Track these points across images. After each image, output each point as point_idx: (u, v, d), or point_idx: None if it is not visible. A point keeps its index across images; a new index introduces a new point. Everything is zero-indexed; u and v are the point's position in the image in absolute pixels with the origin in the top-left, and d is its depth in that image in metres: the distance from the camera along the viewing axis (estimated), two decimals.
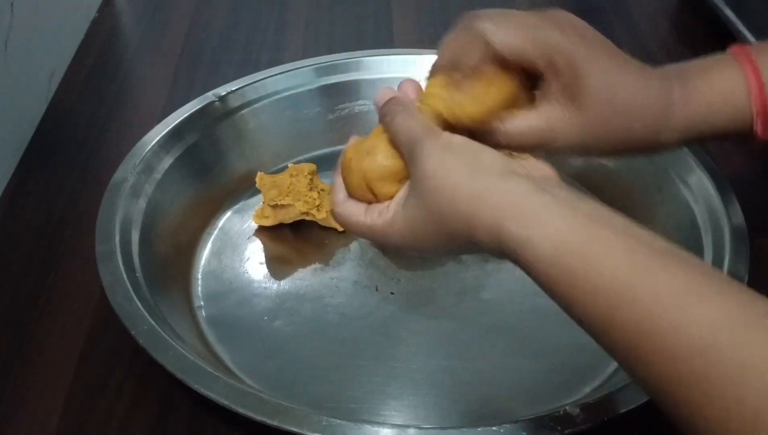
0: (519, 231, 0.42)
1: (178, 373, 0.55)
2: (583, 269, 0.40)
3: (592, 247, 0.41)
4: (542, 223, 0.42)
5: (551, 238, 0.41)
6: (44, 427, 0.58)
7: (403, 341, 0.65)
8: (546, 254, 0.41)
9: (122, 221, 0.66)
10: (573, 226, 0.41)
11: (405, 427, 0.52)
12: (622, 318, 0.39)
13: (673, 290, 0.38)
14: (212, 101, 0.79)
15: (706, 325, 0.36)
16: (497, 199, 0.43)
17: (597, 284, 0.40)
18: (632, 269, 0.39)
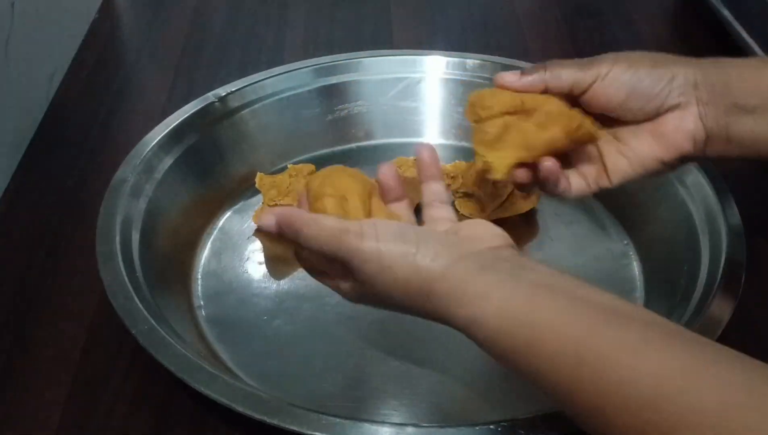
0: (465, 313, 0.44)
1: (179, 373, 0.55)
2: (531, 338, 0.42)
3: (536, 315, 0.43)
4: (486, 302, 0.44)
5: (496, 314, 0.43)
6: (45, 426, 0.58)
7: (402, 341, 0.65)
8: (493, 330, 0.43)
9: (123, 221, 0.67)
10: (516, 298, 0.44)
11: (404, 426, 0.52)
12: (576, 379, 0.40)
13: (617, 346, 0.40)
14: (212, 102, 0.79)
15: (653, 375, 0.38)
16: (440, 287, 0.45)
17: (546, 351, 0.42)
18: (577, 331, 0.41)
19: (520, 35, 1.05)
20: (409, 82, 0.85)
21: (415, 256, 0.46)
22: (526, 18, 1.09)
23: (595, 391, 0.40)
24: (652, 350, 0.39)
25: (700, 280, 0.63)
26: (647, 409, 0.37)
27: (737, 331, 0.58)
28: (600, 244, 0.73)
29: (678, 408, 0.37)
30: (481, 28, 1.07)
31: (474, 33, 1.06)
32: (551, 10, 1.10)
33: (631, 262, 0.71)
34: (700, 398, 0.36)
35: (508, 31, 1.07)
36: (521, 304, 0.43)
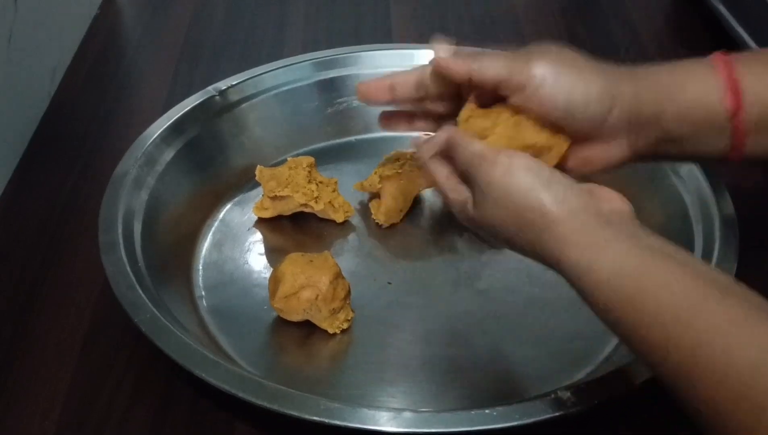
0: (579, 258, 0.45)
1: (180, 360, 0.56)
2: (641, 295, 0.43)
3: (650, 275, 0.43)
4: (602, 252, 0.45)
5: (610, 265, 0.44)
6: (47, 415, 0.59)
7: (400, 329, 0.66)
8: (604, 280, 0.44)
9: (125, 213, 0.67)
10: (632, 256, 0.44)
11: (400, 411, 0.53)
12: (676, 343, 0.41)
13: (726, 318, 0.40)
14: (213, 95, 0.80)
15: (756, 348, 0.39)
16: (558, 229, 0.46)
17: (653, 310, 0.42)
18: (688, 297, 0.42)
19: (518, 30, 1.06)
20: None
21: (541, 193, 0.48)
22: (525, 13, 1.10)
23: (693, 356, 0.40)
24: (760, 326, 0.40)
25: None
26: (745, 381, 0.38)
27: None
28: None
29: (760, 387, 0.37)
30: (479, 22, 1.08)
31: (472, 27, 1.07)
32: (550, 5, 1.11)
33: None
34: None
35: (506, 25, 1.07)
36: (636, 261, 0.44)
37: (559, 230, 0.46)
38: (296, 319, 0.65)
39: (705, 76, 0.53)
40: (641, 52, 1.02)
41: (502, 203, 0.49)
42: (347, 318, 0.65)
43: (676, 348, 0.41)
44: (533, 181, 0.48)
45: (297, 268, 0.64)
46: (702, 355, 0.40)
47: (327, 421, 0.52)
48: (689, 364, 0.40)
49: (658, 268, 0.44)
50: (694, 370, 0.40)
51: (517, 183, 0.48)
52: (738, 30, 0.93)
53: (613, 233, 0.46)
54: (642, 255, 0.44)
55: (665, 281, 0.43)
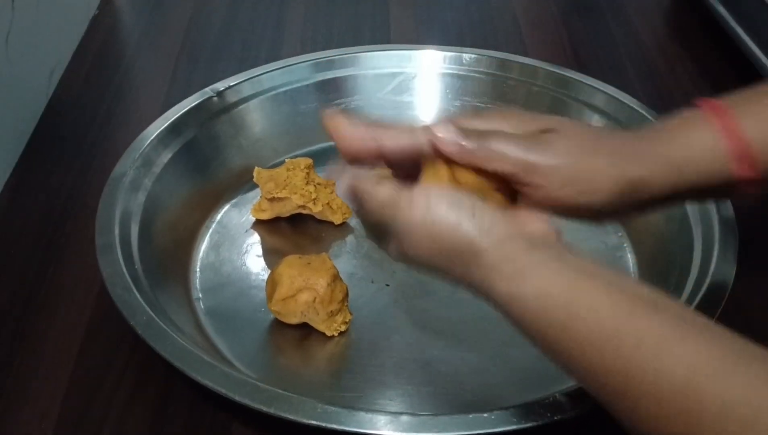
0: (507, 287, 0.44)
1: (177, 363, 0.56)
2: (569, 319, 0.42)
3: (577, 298, 0.43)
4: (528, 278, 0.44)
5: (537, 291, 0.44)
6: (45, 416, 0.59)
7: (398, 331, 0.66)
8: (532, 308, 0.44)
9: (122, 215, 0.67)
10: (558, 279, 0.44)
11: (398, 414, 0.53)
12: (608, 364, 0.41)
13: (653, 335, 0.40)
14: (210, 96, 0.80)
15: (686, 365, 0.39)
16: (485, 260, 0.45)
17: (582, 333, 0.42)
18: (615, 318, 0.41)
19: (516, 31, 1.06)
20: (406, 76, 0.86)
21: (466, 225, 0.46)
22: (524, 14, 1.09)
23: (627, 376, 0.40)
24: (689, 341, 0.39)
25: (692, 271, 0.63)
26: (678, 398, 0.38)
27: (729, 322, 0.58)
28: (595, 236, 0.73)
29: (707, 399, 0.37)
30: (478, 24, 1.08)
31: (471, 29, 1.07)
32: (548, 7, 1.11)
33: (626, 254, 0.72)
34: (731, 392, 0.37)
35: (505, 27, 1.07)
36: (563, 286, 0.43)
37: (487, 261, 0.45)
38: (294, 321, 0.64)
39: (707, 136, 0.49)
40: (641, 53, 1.02)
41: (427, 243, 0.47)
42: (345, 320, 0.65)
43: (610, 371, 0.41)
44: (457, 214, 0.46)
45: (294, 270, 0.63)
46: (635, 377, 0.40)
47: (324, 424, 0.52)
48: (624, 387, 0.40)
49: (584, 290, 0.43)
50: (629, 392, 0.40)
51: (440, 220, 0.46)
52: (737, 31, 0.93)
53: (539, 258, 0.45)
54: (568, 278, 0.44)
55: (592, 304, 0.42)
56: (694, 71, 0.98)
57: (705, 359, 0.39)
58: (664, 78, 0.97)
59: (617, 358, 0.40)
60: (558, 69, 0.84)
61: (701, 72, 0.97)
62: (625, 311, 0.41)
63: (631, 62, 1.00)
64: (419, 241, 0.47)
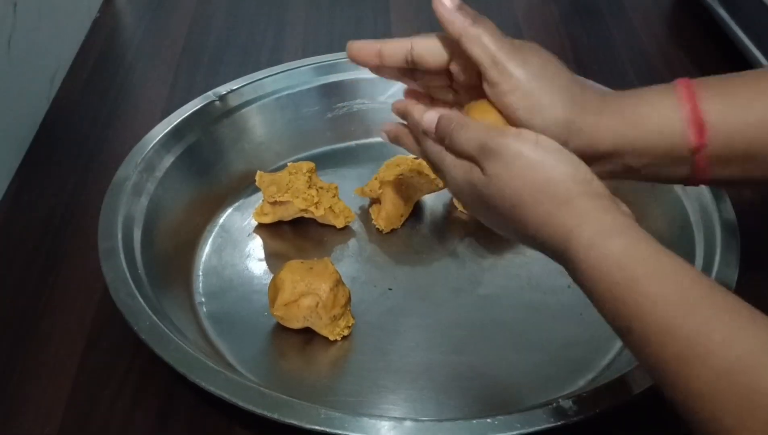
0: (594, 235, 0.45)
1: (180, 368, 0.56)
2: (646, 279, 0.43)
3: (659, 263, 0.44)
4: (617, 234, 0.45)
5: (623, 247, 0.45)
6: (48, 421, 0.59)
7: (401, 336, 0.66)
8: (614, 259, 0.44)
9: (124, 219, 0.67)
10: (643, 244, 0.45)
11: (402, 420, 0.53)
12: (675, 331, 0.41)
13: (728, 310, 0.41)
14: (212, 100, 0.80)
15: (751, 346, 0.39)
16: (583, 207, 0.47)
17: (657, 295, 0.42)
18: (693, 289, 0.43)
19: (518, 34, 1.06)
20: None
21: (571, 168, 0.48)
22: (524, 16, 1.10)
23: (691, 346, 0.40)
24: (758, 323, 0.40)
25: None
26: (741, 377, 0.38)
27: None
28: None
29: (753, 381, 0.38)
30: None
31: None
32: (550, 9, 1.11)
33: None
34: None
35: (505, 29, 1.06)
36: (646, 249, 0.45)
37: (580, 206, 0.47)
38: (296, 326, 0.65)
39: (669, 110, 0.52)
40: (641, 55, 1.02)
41: (527, 174, 0.48)
42: (348, 325, 0.65)
43: (675, 337, 0.41)
44: (565, 156, 0.49)
45: (296, 275, 0.64)
46: (701, 345, 0.40)
47: (328, 430, 0.52)
48: (686, 356, 0.40)
49: (666, 260, 0.44)
50: (691, 361, 0.40)
51: (549, 155, 0.48)
52: (737, 32, 0.93)
53: (628, 223, 0.46)
54: (652, 246, 0.45)
55: (673, 271, 0.43)
56: (694, 73, 0.96)
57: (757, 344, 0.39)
58: (664, 79, 0.95)
59: (685, 326, 0.41)
60: None
61: (701, 73, 0.96)
62: (702, 287, 0.43)
63: (631, 64, 1.00)
64: (519, 171, 0.48)
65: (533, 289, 0.69)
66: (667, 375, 0.41)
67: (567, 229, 0.46)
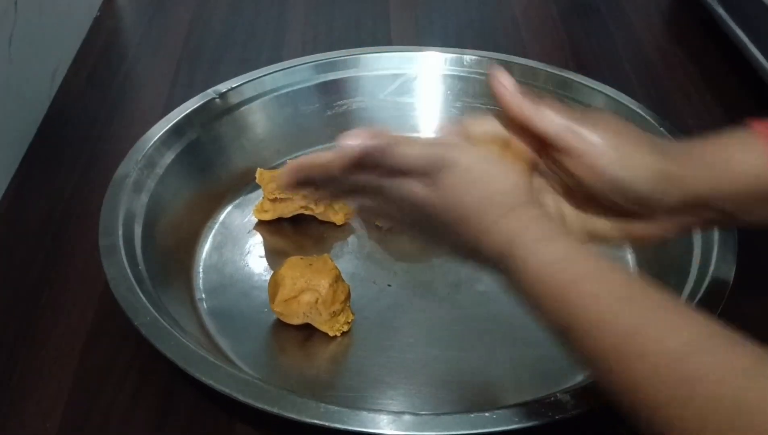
0: (536, 241, 0.46)
1: (180, 363, 0.56)
2: (585, 278, 0.45)
3: (597, 263, 0.45)
4: (557, 239, 0.47)
5: (563, 250, 0.46)
6: (49, 416, 0.59)
7: (400, 332, 0.66)
8: (554, 262, 0.45)
9: (125, 216, 0.68)
10: (580, 249, 0.46)
11: (400, 414, 0.53)
12: (612, 327, 0.42)
13: (660, 306, 0.43)
14: (213, 98, 0.80)
15: (687, 338, 0.40)
16: (528, 215, 0.48)
17: (595, 292, 0.44)
18: (629, 285, 0.44)
19: (516, 33, 1.06)
20: (407, 78, 0.86)
21: (520, 179, 0.49)
22: (523, 16, 1.10)
23: (626, 341, 0.41)
24: (688, 315, 0.42)
25: (691, 272, 0.64)
26: (674, 368, 0.39)
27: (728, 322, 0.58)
28: None
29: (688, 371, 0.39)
30: (478, 26, 1.08)
31: (471, 31, 1.07)
32: (548, 9, 1.11)
33: (626, 255, 0.72)
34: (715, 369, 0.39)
35: (505, 29, 1.08)
36: (584, 252, 0.46)
37: (525, 213, 0.48)
38: (296, 322, 0.65)
39: (750, 148, 0.51)
40: (640, 54, 1.02)
41: (478, 185, 0.48)
42: (347, 321, 0.65)
43: (612, 332, 0.42)
44: (509, 167, 0.50)
45: (296, 271, 0.64)
46: (637, 337, 0.41)
47: (327, 424, 0.52)
48: (623, 349, 0.41)
49: (603, 262, 0.45)
50: (628, 354, 0.41)
51: (496, 167, 0.49)
52: (737, 32, 0.93)
53: (565, 230, 0.49)
54: (588, 250, 0.46)
55: (610, 271, 0.45)
56: (693, 72, 0.98)
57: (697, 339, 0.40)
58: (663, 79, 0.98)
59: (620, 321, 0.42)
60: (558, 71, 0.85)
61: (700, 73, 0.98)
62: (636, 283, 0.44)
63: (630, 63, 1.00)
64: (469, 181, 0.48)
65: None
66: (605, 371, 0.42)
67: (511, 235, 0.47)
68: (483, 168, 0.49)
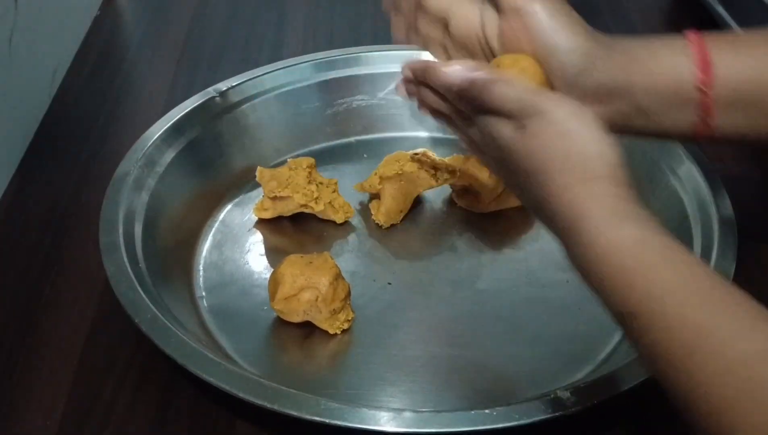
0: (606, 221, 0.45)
1: (181, 360, 0.56)
2: (661, 266, 0.43)
3: (673, 252, 0.44)
4: (632, 221, 0.45)
5: (638, 233, 0.44)
6: (50, 413, 0.60)
7: (400, 329, 0.66)
8: (627, 243, 0.44)
9: (125, 214, 0.68)
10: (657, 235, 0.45)
11: (401, 411, 0.53)
12: (681, 321, 0.41)
13: (733, 310, 0.41)
14: (213, 96, 0.80)
15: (760, 341, 0.39)
16: (603, 189, 0.46)
17: (669, 284, 0.42)
18: (703, 281, 0.43)
19: None
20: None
21: (606, 148, 0.47)
22: None
23: (697, 336, 0.40)
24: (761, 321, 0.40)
25: None
26: (744, 375, 0.38)
27: None
28: None
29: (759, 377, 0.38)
30: None
31: None
32: None
33: None
34: None
35: None
36: (660, 240, 0.44)
37: (603, 186, 0.46)
38: (296, 320, 0.65)
39: (678, 50, 0.53)
40: None
41: (562, 140, 0.47)
42: (347, 318, 0.65)
43: (683, 326, 0.41)
44: (601, 135, 0.48)
45: (296, 269, 0.64)
46: (709, 336, 0.40)
47: (327, 421, 0.52)
48: (693, 346, 0.40)
49: (681, 252, 0.44)
50: (698, 352, 0.40)
51: (587, 129, 0.48)
52: (736, 30, 0.93)
53: (646, 215, 0.46)
54: (668, 238, 0.45)
55: (687, 263, 0.43)
56: None
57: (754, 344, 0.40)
58: None
59: (690, 318, 0.41)
60: None
61: None
62: (711, 280, 0.43)
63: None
64: (555, 134, 0.48)
65: (531, 284, 0.70)
66: (670, 365, 0.41)
67: (584, 206, 0.46)
68: (574, 126, 0.48)
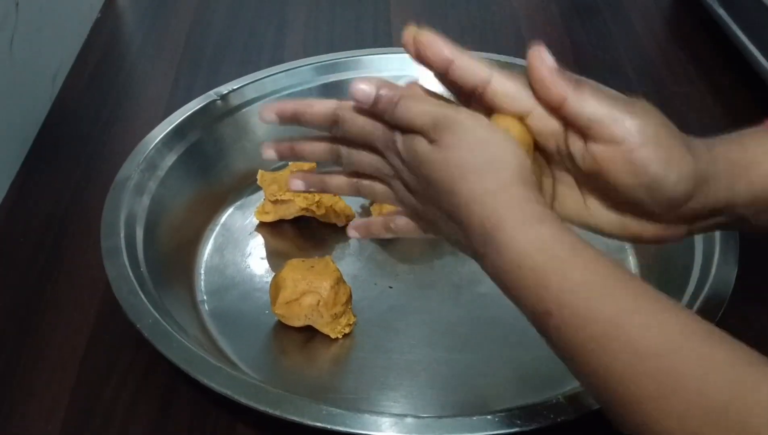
0: (522, 222, 0.45)
1: (182, 365, 0.56)
2: (573, 260, 0.44)
3: (585, 248, 0.44)
4: (549, 221, 0.45)
5: (555, 232, 0.45)
6: (51, 417, 0.60)
7: (401, 333, 0.66)
8: (544, 241, 0.44)
9: (127, 218, 0.68)
10: (569, 232, 0.45)
11: (402, 416, 0.53)
12: (597, 314, 0.41)
13: (647, 298, 0.42)
14: (214, 100, 0.80)
15: (671, 332, 0.40)
16: (521, 194, 0.46)
17: (585, 277, 0.43)
18: (614, 275, 0.43)
19: (518, 34, 1.06)
20: (408, 79, 0.85)
21: (521, 154, 0.47)
22: (525, 17, 1.10)
23: (613, 326, 0.41)
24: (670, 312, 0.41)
25: (693, 273, 0.64)
26: (665, 357, 0.39)
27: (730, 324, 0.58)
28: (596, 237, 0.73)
29: (690, 361, 0.39)
30: (479, 26, 1.08)
31: (473, 32, 1.07)
32: (549, 9, 1.11)
33: (627, 257, 0.72)
34: (712, 354, 0.39)
35: (506, 29, 1.08)
36: (572, 236, 0.45)
37: (519, 192, 0.46)
38: (298, 324, 0.65)
39: None
40: (640, 54, 1.03)
41: (478, 148, 0.47)
42: (349, 323, 0.65)
43: (596, 320, 0.41)
44: (514, 144, 0.47)
45: (298, 274, 0.64)
46: (621, 327, 0.40)
47: (329, 426, 0.52)
48: (607, 338, 0.41)
49: (588, 249, 0.44)
50: (611, 344, 0.40)
51: (499, 137, 0.47)
52: (736, 32, 0.93)
53: (555, 215, 0.46)
54: (575, 236, 0.45)
55: (595, 258, 0.43)
56: (693, 72, 0.98)
57: (686, 328, 0.40)
58: (663, 79, 0.98)
59: (606, 309, 0.41)
60: None
61: (700, 73, 0.98)
62: (624, 274, 0.43)
63: (630, 63, 1.00)
64: (470, 143, 0.47)
65: None
66: (586, 358, 0.42)
67: (501, 212, 0.46)
68: (487, 134, 0.47)
